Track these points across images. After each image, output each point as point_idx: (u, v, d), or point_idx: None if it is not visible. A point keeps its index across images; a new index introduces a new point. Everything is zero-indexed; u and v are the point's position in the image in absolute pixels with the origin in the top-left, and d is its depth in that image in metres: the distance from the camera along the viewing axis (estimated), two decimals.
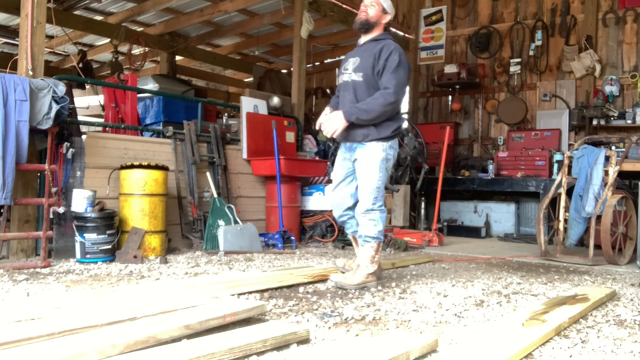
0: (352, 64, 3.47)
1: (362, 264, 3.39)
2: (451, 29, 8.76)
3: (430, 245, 5.90)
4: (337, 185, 3.58)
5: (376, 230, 3.34)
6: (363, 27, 3.51)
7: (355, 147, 3.43)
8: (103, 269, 3.89)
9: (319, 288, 3.35)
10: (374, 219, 3.34)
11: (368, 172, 3.37)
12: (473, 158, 8.11)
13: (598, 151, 5.10)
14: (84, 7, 7.85)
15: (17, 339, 1.81)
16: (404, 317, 2.64)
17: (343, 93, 3.50)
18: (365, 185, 3.37)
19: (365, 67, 3.39)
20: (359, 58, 3.45)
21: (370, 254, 3.38)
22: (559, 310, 2.64)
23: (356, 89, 3.41)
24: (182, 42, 9.10)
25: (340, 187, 3.56)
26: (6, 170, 3.77)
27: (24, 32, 4.16)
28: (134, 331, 1.92)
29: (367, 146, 3.38)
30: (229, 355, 1.83)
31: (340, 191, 3.56)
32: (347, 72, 3.48)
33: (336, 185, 3.58)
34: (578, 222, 5.06)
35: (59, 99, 3.96)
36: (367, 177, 3.37)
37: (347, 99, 3.44)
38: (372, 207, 3.34)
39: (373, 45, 3.44)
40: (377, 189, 3.35)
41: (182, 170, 5.30)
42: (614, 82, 7.21)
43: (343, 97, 3.49)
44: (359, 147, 3.41)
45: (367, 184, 3.37)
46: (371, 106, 3.30)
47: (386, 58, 3.34)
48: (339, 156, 3.62)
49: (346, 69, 3.50)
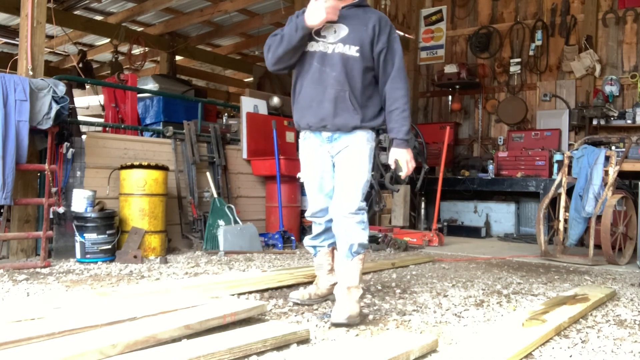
0: (333, 31, 2.67)
1: (352, 284, 2.60)
2: (451, 29, 8.75)
3: (430, 245, 5.90)
4: (315, 186, 2.84)
5: (366, 235, 2.67)
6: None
7: (340, 136, 2.73)
8: (103, 269, 3.89)
9: None
10: (363, 222, 2.65)
11: (358, 163, 2.70)
12: (473, 158, 8.10)
13: (598, 151, 5.10)
14: (84, 7, 7.86)
15: (17, 339, 1.81)
16: (404, 317, 2.64)
17: (322, 68, 2.68)
18: (354, 180, 2.67)
19: (362, 40, 2.67)
20: (346, 27, 2.67)
21: (360, 268, 2.66)
22: (559, 310, 2.64)
23: (348, 67, 2.66)
24: (182, 42, 9.11)
25: (319, 188, 2.83)
26: (6, 170, 3.77)
27: (24, 32, 4.16)
28: (134, 331, 1.92)
29: (357, 134, 2.72)
30: (229, 355, 1.83)
31: (321, 193, 2.83)
32: (325, 40, 2.68)
33: (314, 187, 2.84)
34: (578, 222, 5.06)
35: (59, 99, 3.96)
36: (357, 169, 2.69)
37: (331, 77, 2.66)
38: (360, 205, 2.65)
39: (361, 13, 2.72)
40: (366, 184, 2.72)
41: (182, 170, 5.31)
42: (614, 82, 7.21)
43: (322, 75, 2.68)
44: (346, 135, 2.72)
45: (355, 178, 2.67)
46: (408, 106, 2.72)
47: (388, 34, 2.71)
48: (309, 151, 2.84)
49: (323, 35, 2.68)
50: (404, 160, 2.73)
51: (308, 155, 2.85)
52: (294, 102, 2.84)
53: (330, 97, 2.67)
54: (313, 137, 2.81)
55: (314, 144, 2.81)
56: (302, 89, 2.77)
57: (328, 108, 2.68)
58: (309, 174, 2.86)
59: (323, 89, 2.68)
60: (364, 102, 2.73)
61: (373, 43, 2.69)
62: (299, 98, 2.80)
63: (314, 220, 2.92)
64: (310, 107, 2.73)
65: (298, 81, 2.80)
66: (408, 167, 2.74)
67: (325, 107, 2.68)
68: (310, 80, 2.72)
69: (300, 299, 2.87)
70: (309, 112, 2.74)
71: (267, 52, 2.76)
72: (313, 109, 2.71)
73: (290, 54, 2.69)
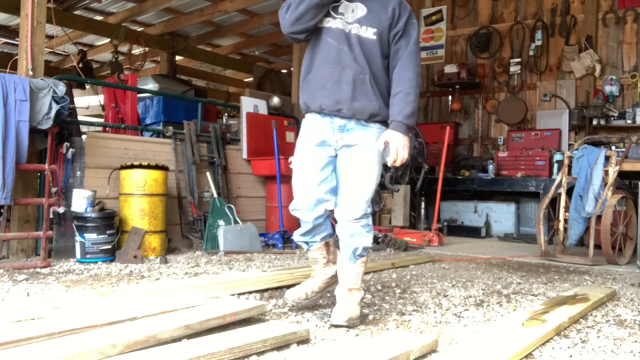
0: (351, 10, 2.48)
1: (354, 285, 2.52)
2: (451, 29, 8.75)
3: (430, 245, 5.89)
4: (312, 176, 2.52)
5: (371, 238, 2.54)
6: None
7: (353, 127, 2.48)
8: (103, 269, 3.89)
9: None
10: (368, 225, 2.52)
11: (368, 168, 2.48)
12: (473, 158, 8.10)
13: (598, 151, 5.10)
14: (84, 7, 7.87)
15: (17, 339, 1.81)
16: (404, 317, 2.64)
17: (340, 47, 2.46)
18: (362, 187, 2.47)
19: (380, 23, 2.47)
20: (365, 7, 2.48)
21: (362, 270, 2.56)
22: (559, 310, 2.64)
23: (365, 50, 2.46)
24: (182, 42, 9.11)
25: (318, 180, 2.51)
26: (6, 170, 3.77)
27: (24, 32, 4.16)
28: (134, 331, 1.92)
29: (371, 130, 2.50)
30: (229, 355, 1.83)
31: (319, 185, 2.51)
32: (343, 18, 2.48)
33: (312, 177, 2.52)
34: (578, 222, 5.06)
35: (59, 99, 3.97)
36: (367, 172, 2.48)
37: (349, 57, 2.45)
38: (367, 211, 2.50)
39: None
40: (374, 190, 2.53)
41: (182, 170, 5.31)
42: (614, 82, 7.21)
43: (340, 53, 2.45)
44: (359, 128, 2.48)
45: (364, 185, 2.47)
46: (414, 90, 2.50)
47: (407, 18, 2.51)
48: (314, 136, 2.54)
49: (341, 13, 2.48)
50: (396, 146, 2.40)
51: (311, 140, 2.55)
52: (303, 81, 2.56)
53: (348, 78, 2.44)
54: (322, 122, 2.53)
55: (322, 129, 2.52)
56: (315, 68, 2.51)
57: (346, 90, 2.44)
58: (308, 161, 2.54)
59: (340, 69, 2.45)
60: (382, 90, 2.51)
61: (391, 26, 2.48)
62: (310, 77, 2.53)
63: (300, 216, 2.59)
64: (324, 87, 2.47)
65: (310, 59, 2.54)
66: (397, 155, 2.41)
67: (343, 89, 2.44)
68: (325, 58, 2.47)
69: (297, 301, 2.68)
70: (322, 93, 2.47)
71: (285, 12, 2.48)
72: (328, 90, 2.46)
73: (314, 12, 2.42)
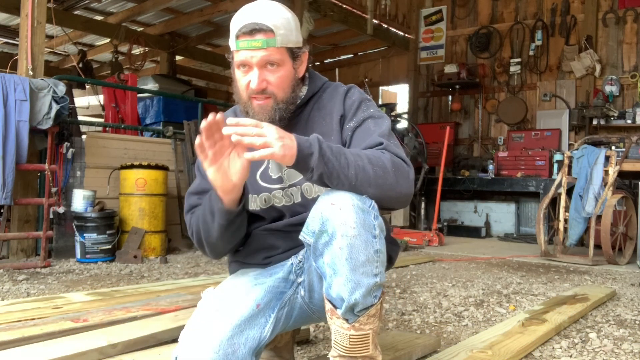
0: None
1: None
2: (451, 28, 8.75)
3: (430, 245, 5.89)
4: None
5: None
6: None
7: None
8: (103, 269, 3.89)
9: None
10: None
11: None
12: (473, 158, 8.11)
13: (598, 151, 5.10)
14: (84, 7, 7.85)
15: (17, 339, 1.81)
16: (404, 317, 2.64)
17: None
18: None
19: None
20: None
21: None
22: (559, 310, 2.64)
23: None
24: (182, 42, 9.10)
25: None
26: (6, 170, 3.77)
27: (24, 32, 4.16)
28: (134, 331, 1.92)
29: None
30: None
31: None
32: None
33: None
34: (578, 222, 5.06)
35: (59, 99, 3.96)
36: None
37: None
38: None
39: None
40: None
41: (182, 170, 5.30)
42: (614, 82, 7.21)
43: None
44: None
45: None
46: (369, 172, 1.41)
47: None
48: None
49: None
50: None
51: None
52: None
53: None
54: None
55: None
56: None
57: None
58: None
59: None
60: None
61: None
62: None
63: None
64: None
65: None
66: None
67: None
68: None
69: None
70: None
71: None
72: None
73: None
